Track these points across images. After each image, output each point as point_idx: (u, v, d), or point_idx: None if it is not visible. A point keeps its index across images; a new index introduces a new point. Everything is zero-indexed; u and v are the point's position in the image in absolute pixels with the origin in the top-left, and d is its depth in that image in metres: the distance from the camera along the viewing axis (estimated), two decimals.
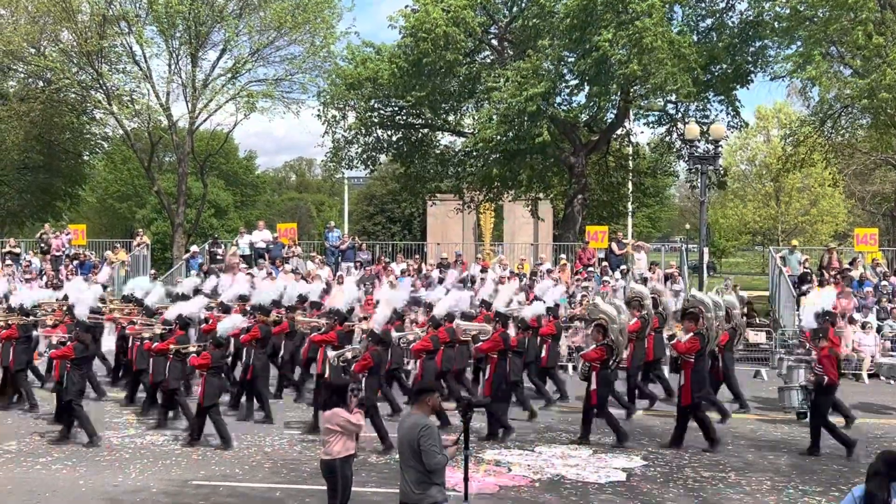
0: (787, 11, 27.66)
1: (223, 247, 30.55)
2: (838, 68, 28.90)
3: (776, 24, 28.13)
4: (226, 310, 18.18)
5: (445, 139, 35.15)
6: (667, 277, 25.88)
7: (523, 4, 30.34)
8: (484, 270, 26.33)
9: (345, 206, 50.98)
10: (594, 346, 14.20)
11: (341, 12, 35.27)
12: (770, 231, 56.54)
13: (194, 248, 30.95)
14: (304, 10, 33.80)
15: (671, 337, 14.60)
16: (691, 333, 13.79)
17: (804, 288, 24.45)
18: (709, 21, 30.10)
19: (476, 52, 32.28)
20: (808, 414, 14.21)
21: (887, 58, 24.85)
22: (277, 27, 33.96)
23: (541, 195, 34.08)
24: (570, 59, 29.25)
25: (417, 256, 30.49)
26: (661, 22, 26.09)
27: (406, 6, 30.40)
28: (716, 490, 11.39)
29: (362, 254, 29.00)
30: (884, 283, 24.96)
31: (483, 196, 33.93)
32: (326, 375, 14.02)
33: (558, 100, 30.37)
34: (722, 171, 31.27)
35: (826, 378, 13.20)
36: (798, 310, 23.59)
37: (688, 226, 60.64)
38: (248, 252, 29.09)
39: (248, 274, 25.18)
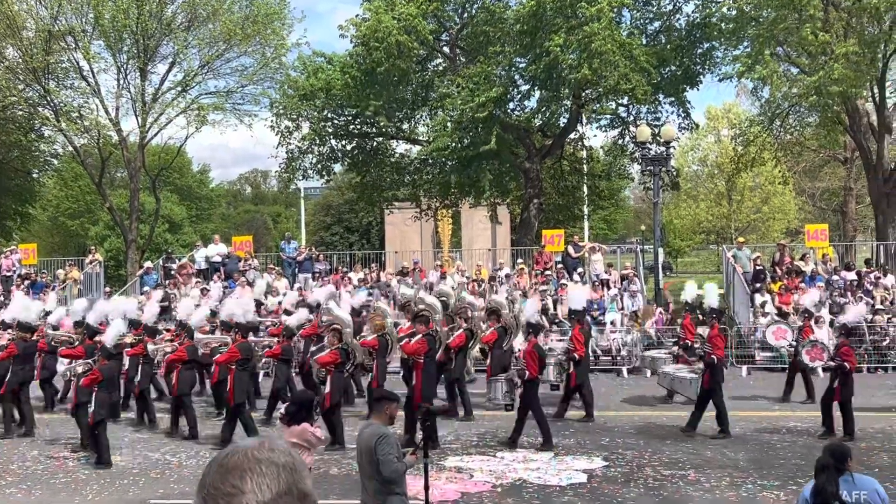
0: (734, 13, 28.13)
1: (177, 262, 30.22)
2: (786, 67, 29.43)
3: (723, 25, 28.60)
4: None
5: (401, 147, 35.18)
6: (623, 278, 26.15)
7: (473, 11, 30.47)
8: (443, 277, 26.38)
9: (301, 217, 50.74)
10: (329, 349, 14.52)
11: (292, 23, 35.17)
12: (723, 230, 57.25)
13: (148, 263, 30.58)
14: (253, 21, 33.61)
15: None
16: (420, 335, 14.33)
17: (758, 285, 24.82)
18: (657, 24, 30.49)
19: (428, 60, 32.35)
20: (514, 406, 14.92)
21: (833, 54, 25.36)
22: (227, 39, 33.72)
23: (499, 200, 34.21)
24: (521, 65, 29.45)
25: (375, 265, 30.41)
26: (609, 25, 26.35)
27: (357, 15, 30.40)
28: (676, 488, 11.47)
29: (319, 264, 28.85)
30: (836, 277, 25.40)
31: (440, 203, 33.98)
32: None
33: (511, 105, 30.56)
34: (674, 172, 31.64)
35: (527, 372, 13.89)
36: (752, 306, 23.97)
37: (643, 227, 61.20)
38: (203, 266, 28.80)
39: (202, 289, 24.94)
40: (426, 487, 7.89)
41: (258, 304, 20.04)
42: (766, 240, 49.09)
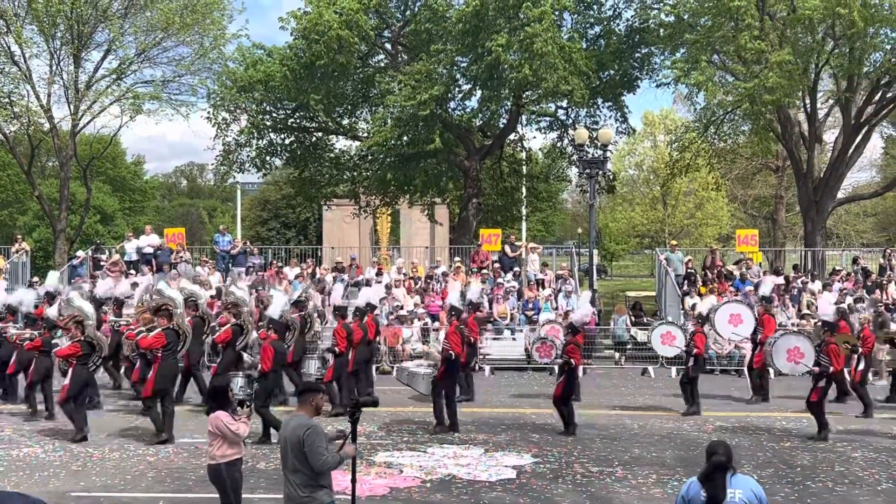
0: (672, 19, 28.58)
1: (107, 253, 29.56)
2: (721, 75, 30.01)
3: (661, 31, 29.03)
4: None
5: (340, 143, 34.94)
6: (558, 278, 26.37)
7: (416, 9, 30.43)
8: (379, 274, 26.34)
9: (238, 212, 50.06)
10: (70, 341, 14.62)
11: (231, 13, 34.67)
12: (658, 234, 58.15)
13: (80, 253, 29.86)
14: (192, 10, 33.02)
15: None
16: (159, 329, 14.43)
17: (686, 288, 25.21)
18: (597, 28, 30.83)
19: (369, 56, 32.22)
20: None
21: (768, 63, 25.92)
22: (165, 28, 33.08)
23: (437, 199, 34.21)
24: (463, 64, 29.49)
25: (312, 261, 30.14)
26: (550, 28, 26.53)
27: (298, 8, 30.11)
28: (604, 484, 11.58)
29: (254, 258, 28.47)
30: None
31: (379, 201, 33.84)
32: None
33: (452, 104, 30.60)
34: (611, 176, 32.02)
35: (261, 366, 14.53)
36: (682, 308, 24.33)
37: (580, 230, 61.78)
38: (134, 257, 28.20)
39: (133, 283, 24.42)
40: (353, 481, 7.80)
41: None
42: (698, 244, 49.97)
